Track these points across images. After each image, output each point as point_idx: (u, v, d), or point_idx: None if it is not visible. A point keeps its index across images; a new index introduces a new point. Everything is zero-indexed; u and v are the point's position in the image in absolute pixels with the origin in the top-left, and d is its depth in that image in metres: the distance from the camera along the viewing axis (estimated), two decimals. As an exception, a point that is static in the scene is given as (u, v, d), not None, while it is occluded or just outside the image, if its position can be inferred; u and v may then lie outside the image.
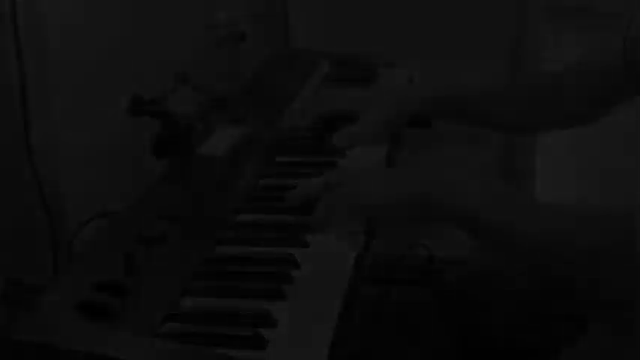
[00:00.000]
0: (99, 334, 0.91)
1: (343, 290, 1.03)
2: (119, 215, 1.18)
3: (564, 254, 0.91)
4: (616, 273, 0.89)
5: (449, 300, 1.42)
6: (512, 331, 1.21)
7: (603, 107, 1.33)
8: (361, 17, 2.42)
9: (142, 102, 1.41)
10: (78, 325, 0.92)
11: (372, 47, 2.10)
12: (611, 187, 2.38)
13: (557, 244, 0.91)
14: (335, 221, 0.98)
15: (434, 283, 1.46)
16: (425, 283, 1.55)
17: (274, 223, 1.21)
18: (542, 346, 1.19)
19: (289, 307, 1.00)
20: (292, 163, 1.43)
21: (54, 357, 0.88)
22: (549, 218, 0.93)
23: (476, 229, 0.95)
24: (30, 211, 1.37)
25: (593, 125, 1.37)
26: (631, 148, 2.62)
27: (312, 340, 0.93)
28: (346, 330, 0.97)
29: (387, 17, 2.42)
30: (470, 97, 1.43)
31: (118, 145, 1.58)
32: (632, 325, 1.00)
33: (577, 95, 1.32)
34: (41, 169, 1.36)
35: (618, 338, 1.07)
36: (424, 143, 2.56)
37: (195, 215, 1.18)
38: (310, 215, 0.99)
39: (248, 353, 0.89)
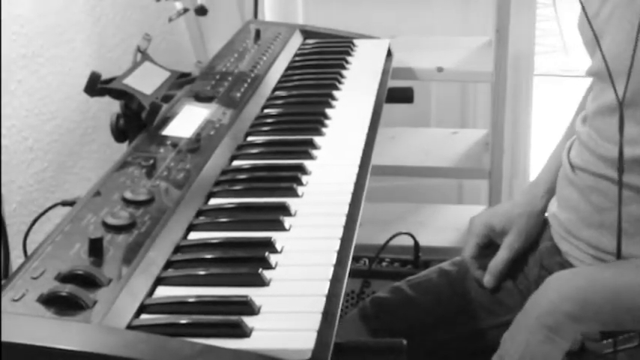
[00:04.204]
0: (67, 329, 0.93)
1: (327, 276, 1.06)
2: (80, 203, 1.19)
3: None
4: None
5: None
6: None
7: None
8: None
9: (100, 81, 1.43)
10: (44, 320, 0.94)
11: (347, 23, 2.14)
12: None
13: None
14: None
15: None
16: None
17: (250, 206, 1.23)
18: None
19: (271, 293, 1.02)
20: (264, 143, 1.46)
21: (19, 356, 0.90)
22: None
23: None
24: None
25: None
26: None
27: (297, 327, 0.95)
28: (332, 318, 1.00)
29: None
30: None
31: (76, 127, 1.60)
32: None
33: None
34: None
35: None
36: (410, 120, 2.60)
37: (164, 201, 1.20)
38: None
39: (231, 342, 0.91)
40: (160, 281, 1.05)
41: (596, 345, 1.23)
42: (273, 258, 1.09)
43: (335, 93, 1.65)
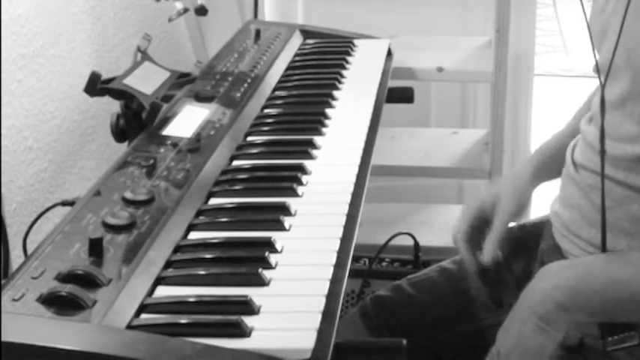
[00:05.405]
0: (67, 329, 0.93)
1: (327, 276, 1.06)
2: (80, 203, 1.19)
3: None
4: None
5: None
6: None
7: None
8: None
9: (100, 81, 1.43)
10: (43, 320, 0.94)
11: (347, 23, 2.14)
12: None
13: None
14: None
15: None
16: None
17: (250, 206, 1.23)
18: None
19: (271, 293, 1.02)
20: (264, 143, 1.46)
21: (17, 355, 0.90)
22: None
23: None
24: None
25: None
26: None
27: (297, 327, 0.95)
28: (332, 318, 1.00)
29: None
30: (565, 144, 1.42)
31: (76, 127, 1.60)
32: None
33: None
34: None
35: None
36: (410, 121, 2.60)
37: (164, 200, 1.20)
38: None
39: (231, 342, 0.91)
40: (159, 281, 1.05)
41: (596, 342, 1.23)
42: (273, 258, 1.08)
43: (335, 93, 1.65)
